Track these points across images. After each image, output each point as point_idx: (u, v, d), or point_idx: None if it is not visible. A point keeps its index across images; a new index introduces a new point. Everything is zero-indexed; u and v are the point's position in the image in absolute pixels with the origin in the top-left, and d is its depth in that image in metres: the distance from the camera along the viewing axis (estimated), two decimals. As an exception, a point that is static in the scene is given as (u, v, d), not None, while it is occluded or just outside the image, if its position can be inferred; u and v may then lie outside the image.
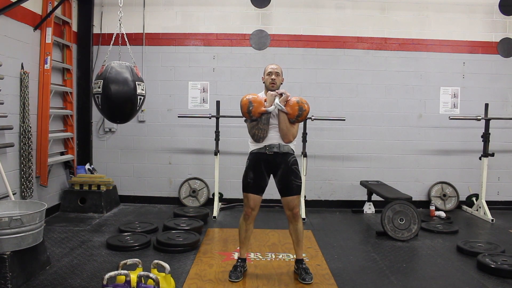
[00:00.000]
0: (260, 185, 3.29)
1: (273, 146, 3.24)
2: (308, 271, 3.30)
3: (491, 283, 3.30)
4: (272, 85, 3.32)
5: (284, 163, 3.26)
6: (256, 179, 3.27)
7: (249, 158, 3.36)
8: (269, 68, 3.37)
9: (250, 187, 3.27)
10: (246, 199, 3.29)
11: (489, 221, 5.24)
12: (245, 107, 3.18)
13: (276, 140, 3.26)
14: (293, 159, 3.32)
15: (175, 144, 5.94)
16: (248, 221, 3.33)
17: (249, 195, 3.27)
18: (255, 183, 3.27)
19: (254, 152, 3.32)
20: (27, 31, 4.60)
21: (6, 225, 2.93)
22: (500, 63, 5.92)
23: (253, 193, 3.27)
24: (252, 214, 3.29)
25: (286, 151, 3.28)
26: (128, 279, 2.58)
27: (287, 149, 3.28)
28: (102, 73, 3.75)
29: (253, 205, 3.27)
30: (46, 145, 4.78)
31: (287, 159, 3.27)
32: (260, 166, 3.27)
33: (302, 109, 3.19)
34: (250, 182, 3.27)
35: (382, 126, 5.94)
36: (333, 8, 5.85)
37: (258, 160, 3.28)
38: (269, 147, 3.25)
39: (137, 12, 5.81)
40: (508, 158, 5.96)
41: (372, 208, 5.68)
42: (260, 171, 3.27)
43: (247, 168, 3.32)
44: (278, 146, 3.25)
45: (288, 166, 3.26)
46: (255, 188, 3.27)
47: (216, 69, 5.89)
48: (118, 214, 5.33)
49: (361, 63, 5.90)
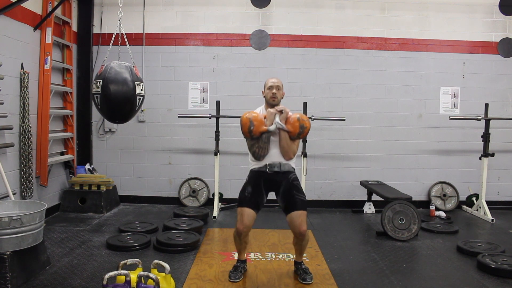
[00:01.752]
0: (256, 201, 3.20)
1: (274, 166, 3.20)
2: (307, 271, 3.30)
3: (491, 283, 3.30)
4: (273, 100, 3.26)
5: (285, 180, 3.23)
6: (254, 194, 3.19)
7: (249, 176, 3.31)
8: (270, 82, 3.31)
9: (247, 201, 3.17)
10: (240, 215, 3.16)
11: (489, 221, 5.24)
12: (245, 126, 3.10)
13: (277, 159, 3.21)
14: (294, 176, 3.28)
15: (175, 144, 5.94)
16: (242, 236, 3.19)
17: (245, 209, 3.14)
18: (252, 197, 3.18)
19: (254, 170, 3.28)
20: (27, 31, 4.60)
21: (6, 225, 2.93)
22: (500, 63, 5.92)
23: (249, 208, 3.15)
24: (244, 231, 3.15)
25: (287, 170, 3.24)
26: (128, 279, 2.59)
27: (288, 168, 3.25)
28: (101, 73, 3.76)
29: (247, 221, 3.12)
30: (46, 145, 4.78)
31: (288, 177, 3.24)
32: (259, 183, 3.23)
33: (303, 126, 3.13)
34: (247, 196, 3.18)
35: (382, 126, 5.94)
36: (333, 8, 5.85)
37: (258, 178, 3.24)
38: (270, 166, 3.21)
39: (137, 12, 5.81)
40: (508, 158, 5.96)
41: (372, 208, 5.68)
42: (259, 187, 3.22)
43: (246, 183, 3.27)
44: (279, 166, 3.21)
45: (290, 182, 3.22)
46: (251, 203, 3.17)
47: (216, 69, 5.89)
48: (118, 214, 5.33)
49: (361, 63, 5.90)
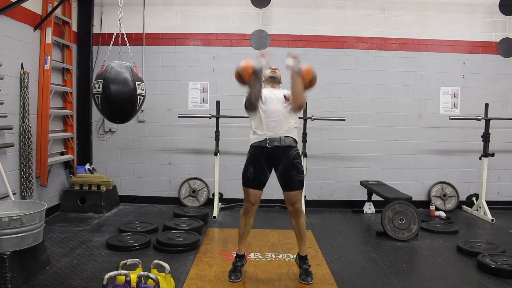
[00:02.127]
0: (260, 180, 3.20)
1: (274, 140, 3.13)
2: (309, 272, 3.28)
3: (491, 283, 3.30)
4: (273, 72, 3.33)
5: (285, 157, 3.15)
6: (256, 173, 3.18)
7: (249, 152, 3.26)
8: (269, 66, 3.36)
9: (250, 182, 3.19)
10: (246, 194, 3.22)
11: (489, 221, 5.24)
12: (236, 73, 3.23)
13: (277, 132, 3.15)
14: (295, 152, 3.20)
15: (175, 144, 5.94)
16: (248, 216, 3.25)
17: (249, 190, 3.19)
18: (255, 177, 3.18)
19: (254, 145, 3.21)
20: (27, 31, 4.60)
21: (6, 225, 2.93)
22: (500, 63, 5.92)
23: (254, 188, 3.19)
24: (252, 209, 3.22)
25: (288, 144, 3.16)
26: (128, 279, 2.58)
27: (288, 142, 3.17)
28: (102, 73, 3.76)
29: (253, 200, 3.20)
30: (46, 145, 4.78)
31: (289, 153, 3.16)
32: (260, 161, 3.18)
33: (314, 74, 3.26)
34: (250, 177, 3.18)
35: (382, 126, 5.94)
36: (333, 8, 5.85)
37: (258, 155, 3.18)
38: (270, 141, 3.13)
39: (137, 12, 5.81)
40: (508, 158, 5.96)
41: (372, 208, 5.68)
42: (261, 166, 3.18)
43: (247, 162, 3.23)
44: (279, 140, 3.13)
45: (290, 160, 3.15)
46: (255, 183, 3.19)
47: (216, 69, 5.89)
48: (118, 214, 5.33)
49: (361, 63, 5.89)
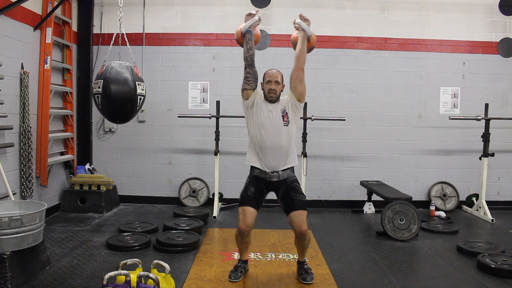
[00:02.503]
0: (258, 201, 3.25)
1: (273, 176, 3.19)
2: (309, 271, 3.30)
3: (491, 283, 3.30)
4: (271, 95, 3.23)
5: (284, 185, 3.23)
6: (256, 194, 3.22)
7: (249, 177, 3.31)
8: (268, 75, 3.27)
9: (249, 200, 3.20)
10: (242, 215, 3.19)
11: (489, 221, 5.24)
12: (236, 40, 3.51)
13: (276, 168, 3.18)
14: (292, 179, 3.26)
15: (175, 144, 5.94)
16: (244, 236, 3.23)
17: (247, 208, 3.17)
18: (254, 197, 3.22)
19: (254, 175, 3.26)
20: (27, 31, 4.59)
21: (6, 225, 2.93)
22: (500, 63, 5.92)
23: (252, 207, 3.19)
24: (246, 230, 3.18)
25: (286, 177, 3.23)
26: (128, 279, 2.58)
27: (286, 174, 3.23)
28: (102, 73, 3.76)
29: (249, 220, 3.16)
30: (46, 145, 4.77)
31: (287, 181, 3.23)
32: (260, 185, 3.25)
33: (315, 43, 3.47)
34: (251, 195, 3.21)
35: (382, 126, 5.94)
36: (333, 8, 5.85)
37: (259, 181, 3.25)
38: (269, 176, 3.20)
39: (137, 12, 5.81)
40: (508, 158, 5.96)
41: (372, 208, 5.67)
42: (260, 188, 3.25)
43: (248, 184, 3.27)
44: (278, 176, 3.20)
45: (288, 185, 3.22)
46: (253, 202, 3.21)
47: (216, 69, 5.89)
48: (118, 214, 5.33)
49: (361, 63, 5.89)
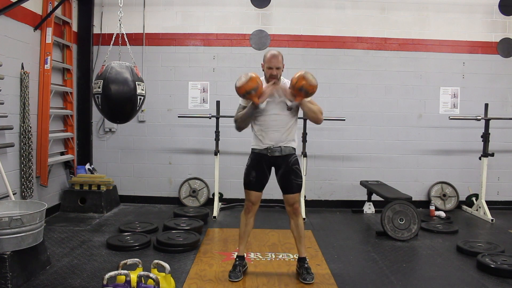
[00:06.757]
0: (261, 183, 3.34)
1: (275, 150, 3.25)
2: (309, 271, 3.30)
3: (491, 283, 3.30)
4: (272, 79, 3.23)
5: (285, 164, 3.29)
6: (258, 177, 3.32)
7: (250, 157, 3.38)
8: (269, 61, 3.18)
9: (252, 185, 3.33)
10: (247, 195, 3.36)
11: (489, 221, 5.24)
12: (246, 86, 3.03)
13: (278, 142, 3.26)
14: (294, 159, 3.33)
15: (175, 144, 5.94)
16: (249, 215, 3.38)
17: (251, 192, 3.34)
18: (257, 181, 3.32)
19: (255, 152, 3.34)
20: (27, 31, 4.59)
21: (6, 225, 2.93)
22: (500, 63, 5.92)
23: (255, 190, 3.33)
24: (253, 208, 3.36)
25: (288, 153, 3.30)
26: (128, 279, 2.58)
27: (288, 151, 3.30)
28: (102, 73, 3.76)
29: (254, 200, 3.34)
30: (46, 145, 4.77)
31: (288, 160, 3.29)
32: (261, 165, 3.31)
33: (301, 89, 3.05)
34: (253, 180, 3.32)
35: (382, 126, 5.94)
36: (333, 8, 5.85)
37: (260, 160, 3.31)
38: (271, 151, 3.26)
39: (137, 12, 5.81)
40: (508, 158, 5.96)
41: (372, 208, 5.68)
42: (262, 169, 3.32)
43: (249, 166, 3.35)
44: (279, 150, 3.26)
45: (289, 166, 3.29)
46: (256, 186, 3.33)
47: (216, 69, 5.89)
48: (118, 214, 5.33)
49: (361, 63, 5.90)
